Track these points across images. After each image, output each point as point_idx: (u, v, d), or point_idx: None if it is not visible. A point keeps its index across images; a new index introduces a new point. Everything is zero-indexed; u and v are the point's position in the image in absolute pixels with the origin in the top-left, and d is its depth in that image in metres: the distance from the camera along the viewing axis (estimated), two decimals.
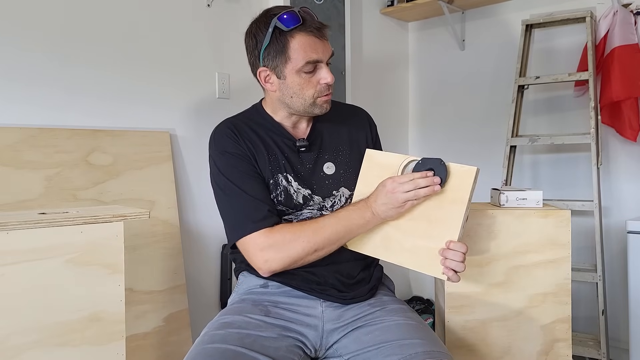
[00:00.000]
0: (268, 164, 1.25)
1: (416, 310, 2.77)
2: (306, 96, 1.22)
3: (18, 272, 1.02)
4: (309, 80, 1.21)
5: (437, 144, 3.01)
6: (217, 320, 1.18)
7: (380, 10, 2.88)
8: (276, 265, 1.18)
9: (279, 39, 1.18)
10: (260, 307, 1.21)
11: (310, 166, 1.28)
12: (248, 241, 1.18)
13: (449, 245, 1.11)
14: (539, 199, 1.44)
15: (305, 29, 1.17)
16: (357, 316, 1.23)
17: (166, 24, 1.99)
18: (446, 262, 1.10)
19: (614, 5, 2.33)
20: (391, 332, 1.16)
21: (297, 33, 1.17)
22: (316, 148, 1.31)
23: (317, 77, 1.21)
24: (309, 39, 1.18)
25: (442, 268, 1.11)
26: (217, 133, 1.29)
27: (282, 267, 1.18)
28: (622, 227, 2.31)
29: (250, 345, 1.08)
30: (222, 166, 1.24)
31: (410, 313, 1.25)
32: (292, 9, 1.19)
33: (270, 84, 1.25)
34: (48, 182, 1.64)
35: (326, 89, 1.23)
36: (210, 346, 1.06)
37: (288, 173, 1.26)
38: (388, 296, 1.33)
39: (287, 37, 1.17)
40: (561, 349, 1.41)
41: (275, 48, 1.19)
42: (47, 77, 1.70)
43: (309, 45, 1.18)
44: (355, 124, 1.39)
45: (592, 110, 2.31)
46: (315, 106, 1.24)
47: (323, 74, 1.20)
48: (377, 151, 1.22)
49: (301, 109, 1.25)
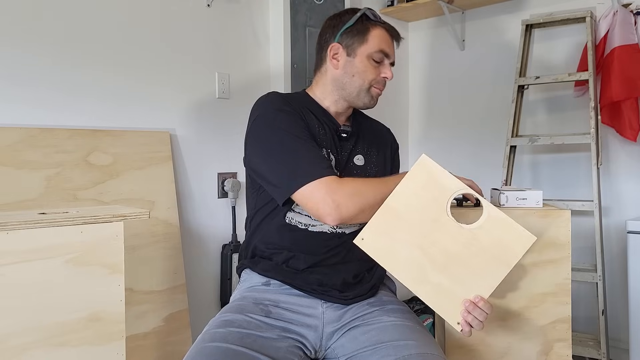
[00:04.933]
0: (317, 136, 1.27)
1: (416, 311, 2.77)
2: (366, 79, 1.30)
3: (18, 272, 1.02)
4: (374, 68, 1.31)
5: (437, 143, 3.01)
6: (218, 318, 1.18)
7: (380, 10, 2.88)
8: (347, 210, 1.11)
9: (364, 23, 1.31)
10: (261, 306, 1.21)
11: (345, 154, 1.32)
12: (318, 186, 1.11)
13: (477, 302, 1.06)
14: (539, 199, 1.44)
15: (386, 28, 1.32)
16: (355, 315, 1.23)
17: (166, 24, 1.99)
18: (468, 317, 1.06)
19: (614, 5, 2.33)
20: (387, 332, 1.16)
21: (380, 26, 1.32)
22: (353, 139, 1.36)
23: (380, 69, 1.32)
24: (387, 36, 1.32)
25: (460, 318, 1.07)
26: (269, 96, 1.30)
27: (354, 212, 1.12)
28: (622, 227, 2.32)
29: (251, 345, 1.07)
30: (280, 121, 1.21)
31: (408, 314, 1.25)
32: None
33: (336, 61, 1.32)
34: (48, 182, 1.64)
35: (383, 84, 1.34)
36: (211, 345, 1.06)
37: (331, 152, 1.29)
38: (388, 296, 1.33)
39: (370, 25, 1.31)
40: (561, 349, 1.41)
41: (357, 29, 1.30)
42: (47, 77, 1.70)
43: (386, 40, 1.31)
44: (382, 136, 1.47)
45: (592, 110, 2.31)
46: (367, 95, 1.32)
47: (386, 69, 1.32)
48: (433, 161, 1.07)
49: (354, 92, 1.31)
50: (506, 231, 1.04)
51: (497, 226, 1.05)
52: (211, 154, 2.14)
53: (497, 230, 1.05)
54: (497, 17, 2.77)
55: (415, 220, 1.06)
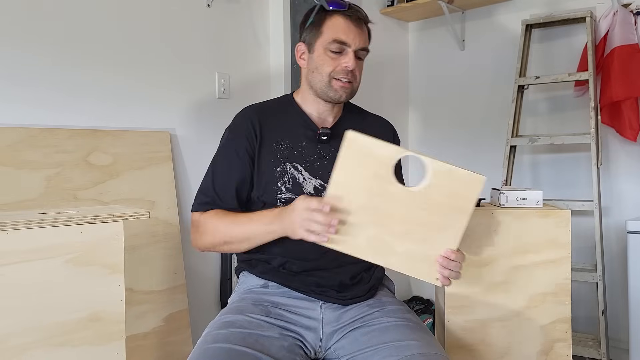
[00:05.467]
0: (277, 153, 1.28)
1: (416, 311, 2.77)
2: (324, 72, 1.26)
3: (18, 272, 1.02)
4: (333, 59, 1.26)
5: (437, 143, 3.00)
6: (218, 320, 1.18)
7: (380, 10, 2.88)
8: (197, 246, 1.29)
9: (319, 16, 1.28)
10: (261, 307, 1.21)
11: (327, 157, 1.30)
12: (192, 217, 1.32)
13: (449, 255, 1.08)
14: (539, 199, 1.44)
15: (344, 14, 1.26)
16: (355, 317, 1.23)
17: (166, 24, 1.99)
18: (444, 271, 1.09)
19: (614, 5, 2.32)
20: (389, 333, 1.16)
21: (336, 15, 1.26)
22: (337, 141, 1.31)
23: (340, 60, 1.26)
24: (344, 22, 1.25)
25: (437, 274, 1.10)
26: (242, 111, 1.36)
27: (202, 249, 1.29)
28: (622, 227, 2.31)
29: (253, 345, 1.08)
30: (223, 141, 1.34)
31: (408, 314, 1.25)
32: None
33: (303, 60, 1.32)
34: (48, 182, 1.64)
35: (344, 74, 1.26)
36: (213, 346, 1.06)
37: (298, 163, 1.28)
38: (388, 297, 1.32)
39: (326, 16, 1.27)
40: (561, 349, 1.41)
41: (314, 23, 1.29)
42: (47, 78, 1.70)
43: (342, 28, 1.25)
44: (380, 134, 1.40)
45: (592, 110, 2.31)
46: (331, 88, 1.27)
47: (346, 58, 1.25)
48: (362, 135, 1.02)
49: (319, 86, 1.28)
50: (454, 180, 1.02)
51: (445, 178, 1.03)
52: (211, 154, 2.10)
53: (446, 183, 1.03)
54: (497, 17, 2.77)
55: (364, 200, 1.04)
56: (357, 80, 1.30)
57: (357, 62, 1.27)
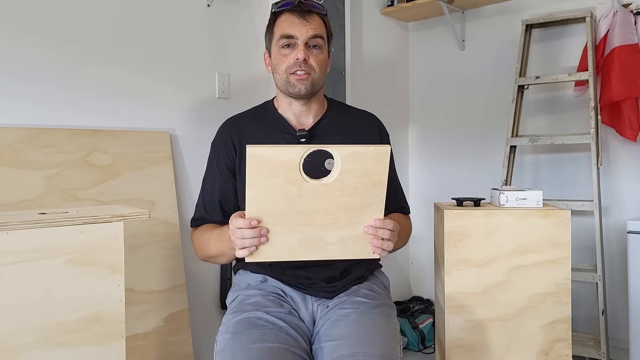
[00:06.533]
0: None
1: (416, 311, 2.76)
2: (281, 70, 1.29)
3: (18, 272, 1.02)
4: (285, 56, 1.28)
5: (437, 143, 3.00)
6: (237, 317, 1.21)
7: (380, 11, 2.88)
8: (199, 255, 1.36)
9: (271, 20, 1.33)
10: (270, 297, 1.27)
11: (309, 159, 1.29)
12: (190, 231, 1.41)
13: (375, 224, 1.08)
14: (539, 199, 1.44)
15: (289, 10, 1.29)
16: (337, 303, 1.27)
17: (166, 24, 1.99)
18: (374, 241, 1.09)
19: (614, 5, 2.33)
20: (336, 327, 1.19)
21: (283, 13, 1.30)
22: (319, 141, 1.32)
23: (292, 54, 1.28)
24: (289, 17, 1.28)
25: (370, 247, 1.10)
26: (219, 128, 1.41)
27: (203, 258, 1.35)
28: (622, 227, 2.32)
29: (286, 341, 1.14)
30: (210, 157, 1.41)
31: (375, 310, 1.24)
32: None
33: (269, 67, 1.36)
34: (48, 182, 1.64)
35: (297, 66, 1.26)
36: (254, 346, 1.10)
37: None
38: (370, 290, 1.32)
39: (276, 18, 1.32)
40: (561, 349, 1.41)
41: (267, 28, 1.35)
42: (47, 77, 1.70)
43: (288, 23, 1.28)
44: (365, 128, 1.41)
45: (592, 110, 2.31)
46: (290, 84, 1.29)
47: (296, 50, 1.27)
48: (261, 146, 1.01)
49: (280, 85, 1.32)
50: (362, 160, 1.03)
51: (353, 161, 1.04)
52: None
53: (356, 164, 1.04)
54: (497, 17, 2.77)
55: (284, 206, 1.05)
56: (317, 70, 1.29)
57: (311, 52, 1.28)
